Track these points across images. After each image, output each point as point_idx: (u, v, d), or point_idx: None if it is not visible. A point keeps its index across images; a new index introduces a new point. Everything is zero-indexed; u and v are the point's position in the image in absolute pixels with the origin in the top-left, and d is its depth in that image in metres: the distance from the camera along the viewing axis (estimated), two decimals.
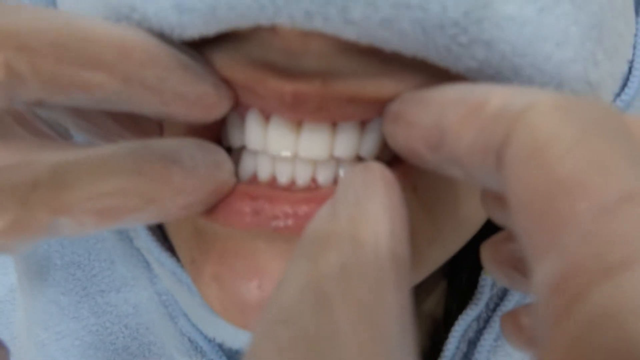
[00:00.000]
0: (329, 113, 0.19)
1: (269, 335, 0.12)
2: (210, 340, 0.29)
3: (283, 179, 0.21)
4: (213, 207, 0.20)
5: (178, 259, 0.26)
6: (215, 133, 0.22)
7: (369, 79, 0.18)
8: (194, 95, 0.18)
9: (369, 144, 0.21)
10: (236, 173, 0.20)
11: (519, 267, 0.18)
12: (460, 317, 0.27)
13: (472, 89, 0.15)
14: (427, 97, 0.17)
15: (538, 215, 0.11)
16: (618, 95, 0.25)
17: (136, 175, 0.16)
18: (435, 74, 0.18)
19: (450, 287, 0.33)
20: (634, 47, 0.25)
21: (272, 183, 0.21)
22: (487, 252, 0.19)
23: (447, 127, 0.15)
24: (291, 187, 0.21)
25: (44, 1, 0.24)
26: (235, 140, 0.22)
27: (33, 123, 0.22)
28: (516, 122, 0.13)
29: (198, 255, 0.21)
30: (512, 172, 0.12)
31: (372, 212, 0.14)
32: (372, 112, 0.20)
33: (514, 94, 0.14)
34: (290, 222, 0.19)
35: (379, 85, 0.18)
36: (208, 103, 0.19)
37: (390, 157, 0.22)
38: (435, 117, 0.16)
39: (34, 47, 0.15)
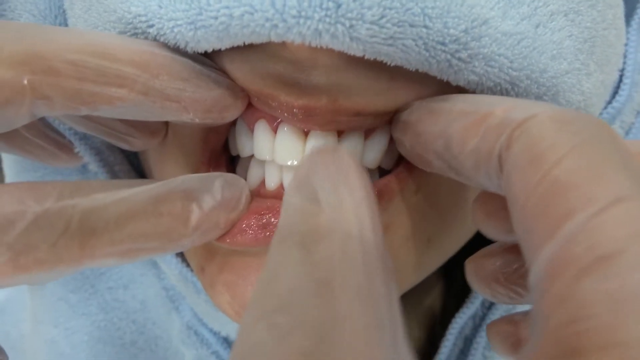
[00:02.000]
0: (338, 124, 0.20)
1: (266, 323, 0.12)
2: (215, 333, 0.30)
3: None
4: None
5: (183, 258, 0.27)
6: (223, 135, 0.23)
7: (377, 95, 0.19)
8: (211, 99, 0.19)
9: (373, 153, 0.22)
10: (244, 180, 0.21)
11: (501, 281, 0.19)
12: (457, 315, 0.28)
13: (477, 102, 0.16)
14: (435, 108, 0.18)
15: (536, 213, 0.12)
16: (609, 102, 0.26)
17: (156, 217, 0.17)
18: (440, 87, 0.19)
19: (447, 286, 0.34)
20: (625, 56, 0.26)
21: (279, 191, 0.22)
22: (471, 267, 0.20)
23: (452, 135, 0.16)
24: None
25: (53, 16, 0.25)
26: (244, 150, 0.23)
27: (38, 127, 0.23)
28: (517, 130, 0.14)
29: (208, 265, 0.22)
30: (513, 174, 0.13)
31: (352, 201, 0.15)
32: (379, 123, 0.21)
33: (516, 106, 0.15)
34: None
35: (386, 100, 0.19)
36: (224, 105, 0.19)
37: (393, 164, 0.23)
38: (442, 127, 0.17)
39: (57, 68, 0.16)
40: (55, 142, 0.24)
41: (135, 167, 0.28)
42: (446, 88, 0.19)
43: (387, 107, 0.20)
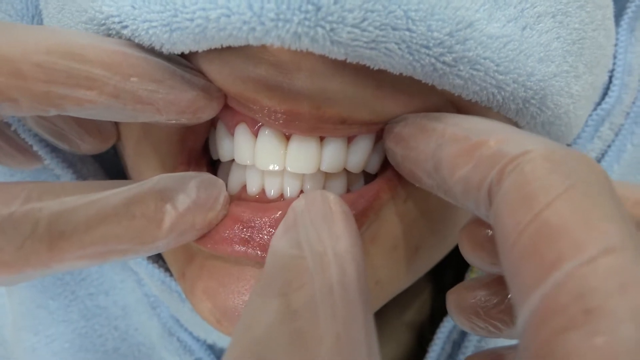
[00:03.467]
0: (322, 131, 0.20)
1: None
2: (198, 340, 0.29)
3: (272, 192, 0.21)
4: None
5: (166, 268, 0.26)
6: (202, 135, 0.23)
7: (362, 104, 0.19)
8: (185, 101, 0.18)
9: (357, 157, 0.21)
10: (226, 186, 0.21)
11: (481, 315, 0.19)
12: (445, 318, 0.28)
13: (470, 128, 0.16)
14: (428, 126, 0.17)
15: (525, 255, 0.12)
16: (599, 104, 0.25)
17: (129, 219, 0.17)
18: (428, 99, 0.19)
19: (437, 288, 0.33)
20: (614, 57, 0.25)
21: (261, 196, 0.21)
22: (452, 299, 0.20)
23: (443, 159, 0.16)
24: (280, 199, 0.21)
25: (30, 16, 0.24)
26: (224, 154, 0.22)
27: (2, 129, 0.23)
28: (509, 165, 0.13)
29: (188, 271, 0.21)
30: (503, 210, 0.13)
31: (336, 250, 0.15)
32: (363, 131, 0.20)
33: (510, 138, 0.14)
34: None
35: (372, 110, 0.19)
36: (199, 106, 0.19)
37: (378, 168, 0.22)
38: (434, 148, 0.16)
39: (23, 71, 0.15)
40: (14, 143, 0.23)
41: (113, 178, 0.28)
42: (435, 100, 0.19)
43: (373, 117, 0.19)
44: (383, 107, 0.19)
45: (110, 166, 0.28)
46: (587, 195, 0.12)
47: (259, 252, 0.19)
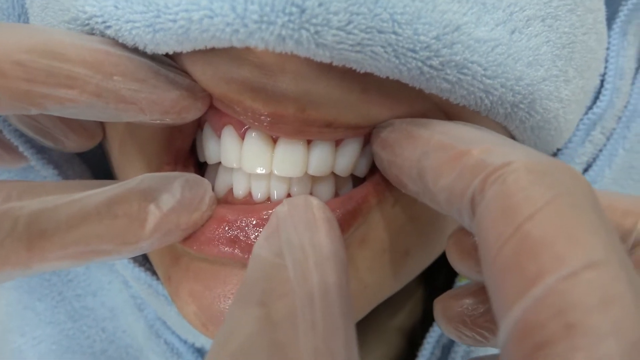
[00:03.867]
0: (307, 134, 0.19)
1: None
2: (185, 342, 0.29)
3: (259, 195, 0.21)
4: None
5: (153, 271, 0.26)
6: (189, 136, 0.22)
7: (348, 107, 0.18)
8: (169, 101, 0.18)
9: (345, 161, 0.21)
10: (213, 188, 0.20)
11: (468, 324, 0.19)
12: (434, 323, 0.28)
13: (456, 135, 0.16)
14: (414, 133, 0.17)
15: (507, 268, 0.12)
16: (590, 108, 0.25)
17: (111, 219, 0.17)
18: (416, 104, 0.19)
19: (427, 292, 0.33)
20: (606, 61, 0.25)
21: (248, 199, 0.21)
22: (438, 308, 0.20)
23: (427, 167, 0.16)
24: (267, 202, 0.21)
25: (16, 15, 0.24)
26: (211, 157, 0.22)
27: None
28: (492, 175, 0.13)
29: (174, 274, 0.21)
30: (485, 221, 0.13)
31: (317, 258, 0.15)
32: (350, 135, 0.20)
33: (494, 148, 0.14)
34: None
35: (358, 113, 0.19)
36: (183, 106, 0.19)
37: (366, 172, 0.22)
38: (419, 155, 0.16)
39: (4, 70, 0.15)
40: None
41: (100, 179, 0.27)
42: (422, 104, 0.19)
43: (359, 121, 0.19)
44: (369, 110, 0.19)
45: (98, 167, 0.28)
46: (571, 208, 0.12)
47: (245, 255, 0.19)
